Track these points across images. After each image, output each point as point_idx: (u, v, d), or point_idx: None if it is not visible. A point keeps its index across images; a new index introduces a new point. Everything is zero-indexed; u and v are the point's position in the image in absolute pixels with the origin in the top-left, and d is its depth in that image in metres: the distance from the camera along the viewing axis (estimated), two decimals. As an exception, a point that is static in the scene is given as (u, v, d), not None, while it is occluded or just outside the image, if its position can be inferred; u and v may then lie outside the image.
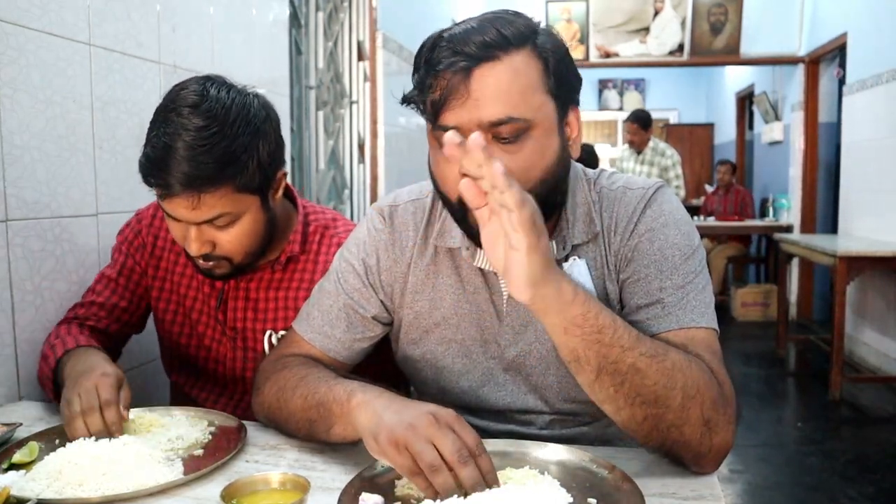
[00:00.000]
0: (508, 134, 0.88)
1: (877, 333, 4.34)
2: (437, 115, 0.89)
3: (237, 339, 1.33)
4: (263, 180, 1.16)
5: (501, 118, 0.87)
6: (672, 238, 0.98)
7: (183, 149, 1.06)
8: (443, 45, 0.89)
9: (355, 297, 1.09)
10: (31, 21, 1.33)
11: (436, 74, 0.88)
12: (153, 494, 0.87)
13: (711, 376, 0.88)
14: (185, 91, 1.12)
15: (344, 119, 3.56)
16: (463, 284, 1.06)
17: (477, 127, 0.88)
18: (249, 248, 1.20)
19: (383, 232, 1.10)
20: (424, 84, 0.90)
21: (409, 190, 1.15)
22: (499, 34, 0.88)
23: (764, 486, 2.82)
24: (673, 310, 0.94)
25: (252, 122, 1.13)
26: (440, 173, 0.95)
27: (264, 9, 2.28)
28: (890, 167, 4.18)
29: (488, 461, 0.80)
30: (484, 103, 0.87)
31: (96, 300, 1.35)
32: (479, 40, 0.87)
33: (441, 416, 0.81)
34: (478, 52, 0.87)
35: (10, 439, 1.04)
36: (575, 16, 6.16)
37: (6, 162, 1.29)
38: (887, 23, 4.25)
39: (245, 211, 1.15)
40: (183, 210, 1.10)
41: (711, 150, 9.80)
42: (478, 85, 0.87)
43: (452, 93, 0.87)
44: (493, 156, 0.72)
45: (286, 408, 1.01)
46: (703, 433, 0.85)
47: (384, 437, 0.81)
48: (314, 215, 1.35)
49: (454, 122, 0.88)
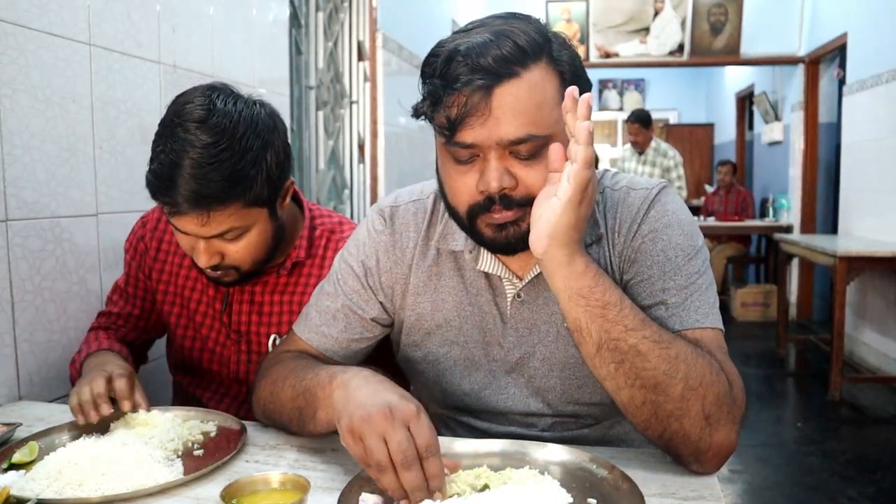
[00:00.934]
0: (527, 152, 0.88)
1: (877, 333, 4.34)
2: (454, 131, 0.88)
3: (241, 342, 1.33)
4: (272, 192, 1.15)
5: (522, 137, 0.87)
6: (675, 239, 0.97)
7: (190, 166, 1.04)
8: (459, 60, 0.86)
9: (354, 298, 1.09)
10: (31, 21, 1.33)
11: (454, 91, 0.86)
12: (153, 494, 0.87)
13: (720, 373, 0.88)
14: (190, 105, 1.09)
15: (344, 119, 3.56)
16: (466, 287, 1.05)
17: (496, 145, 0.87)
18: (257, 256, 1.20)
19: (383, 233, 1.09)
20: (439, 99, 0.88)
21: (409, 190, 1.13)
22: (516, 47, 0.86)
23: (764, 486, 2.82)
24: (676, 311, 0.94)
25: (260, 135, 1.11)
26: (452, 186, 0.94)
27: (264, 9, 2.28)
28: (890, 167, 4.18)
29: (437, 465, 0.78)
30: (504, 122, 0.86)
31: (113, 310, 1.39)
32: (496, 55, 0.85)
33: (399, 410, 0.79)
34: (497, 69, 0.85)
35: (10, 439, 1.04)
36: (575, 16, 6.16)
37: (6, 162, 1.29)
38: (887, 23, 4.25)
39: (254, 223, 1.15)
40: (192, 226, 1.10)
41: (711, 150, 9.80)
42: (498, 103, 0.86)
43: (472, 112, 0.86)
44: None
45: (278, 399, 1.01)
46: (703, 427, 0.85)
47: (344, 424, 0.81)
48: (320, 219, 1.35)
49: (472, 140, 0.87)
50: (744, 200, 6.59)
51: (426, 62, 0.91)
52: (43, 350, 1.39)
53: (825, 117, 5.78)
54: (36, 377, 1.38)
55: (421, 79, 0.92)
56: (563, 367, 1.03)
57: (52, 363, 1.40)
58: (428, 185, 1.12)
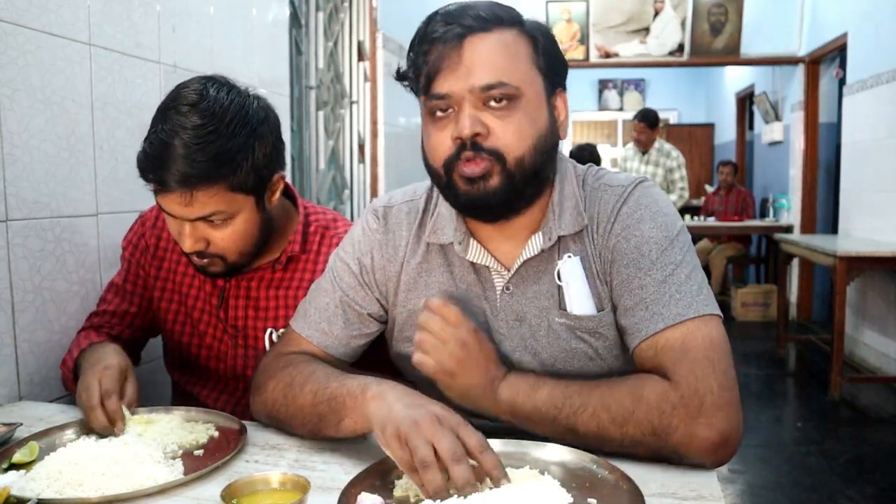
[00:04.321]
0: (499, 96, 0.92)
1: (877, 334, 4.34)
2: (430, 83, 0.93)
3: (238, 337, 1.34)
4: (258, 181, 1.17)
5: (492, 82, 0.91)
6: (647, 233, 0.98)
7: (180, 146, 1.08)
8: (437, 19, 0.94)
9: (351, 294, 1.11)
10: (31, 21, 1.33)
11: (430, 44, 0.93)
12: (153, 494, 0.87)
13: (651, 387, 0.90)
14: (185, 90, 1.13)
15: (344, 119, 3.56)
16: (455, 281, 1.07)
17: (469, 94, 0.92)
18: (243, 247, 1.21)
19: (378, 231, 1.12)
20: (418, 56, 0.94)
21: (403, 191, 1.16)
22: (490, 11, 0.94)
23: (764, 486, 2.82)
24: (657, 308, 0.94)
25: (249, 123, 1.13)
26: (430, 144, 0.98)
27: (264, 9, 2.28)
28: (890, 167, 4.18)
29: (494, 457, 0.81)
30: (475, 70, 0.92)
31: (108, 309, 1.38)
32: (472, 13, 0.93)
33: (446, 418, 0.83)
34: (470, 23, 0.92)
35: (10, 439, 1.04)
36: (575, 16, 6.16)
37: (6, 162, 1.29)
38: (887, 23, 4.25)
39: (239, 211, 1.16)
40: (176, 206, 1.12)
41: (711, 150, 9.80)
42: (470, 52, 0.92)
43: (444, 59, 0.92)
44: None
45: (294, 404, 1.01)
46: (657, 441, 0.89)
47: (390, 430, 0.83)
48: (315, 216, 1.36)
49: (446, 90, 0.93)
50: (744, 200, 6.59)
51: (413, 36, 0.98)
52: (43, 350, 1.39)
53: (825, 117, 5.78)
54: (36, 377, 1.38)
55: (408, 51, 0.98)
56: (555, 360, 1.03)
57: (53, 363, 1.40)
58: (421, 186, 1.14)
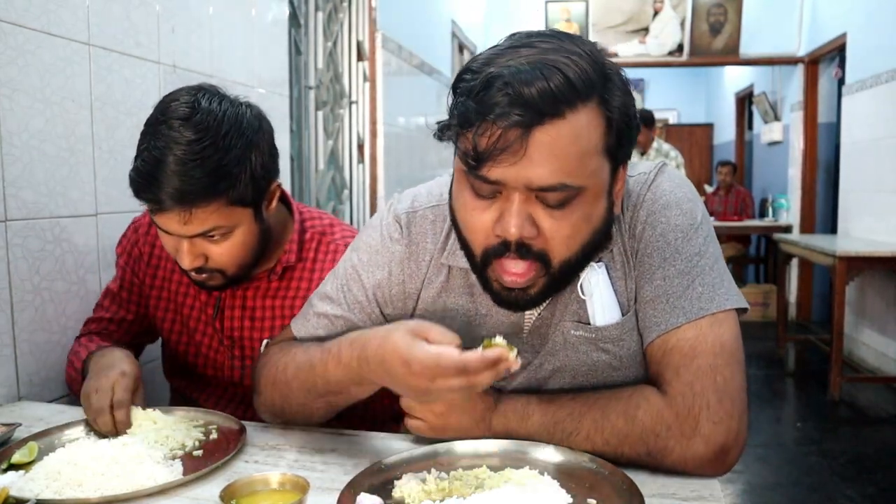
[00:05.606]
0: (555, 201, 0.81)
1: (876, 333, 4.34)
2: (481, 164, 0.79)
3: (234, 347, 1.32)
4: (256, 192, 1.14)
5: (553, 184, 0.79)
6: (674, 220, 0.93)
7: (174, 163, 1.04)
8: (500, 88, 0.77)
9: (356, 310, 1.04)
10: (30, 21, 1.33)
11: (485, 117, 0.77)
12: (152, 495, 0.87)
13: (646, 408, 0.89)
14: (175, 103, 1.09)
15: (343, 119, 3.56)
16: (476, 305, 1.00)
17: (524, 187, 0.80)
18: (242, 260, 1.19)
19: (399, 243, 1.02)
20: (469, 124, 0.79)
21: (428, 192, 1.05)
22: (565, 83, 0.77)
23: (763, 486, 2.82)
24: (679, 302, 0.91)
25: (245, 134, 1.10)
26: (468, 220, 0.87)
27: (264, 9, 2.28)
28: (889, 167, 4.18)
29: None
30: (537, 165, 0.78)
31: (104, 315, 1.37)
32: (543, 88, 0.76)
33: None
34: (541, 106, 0.76)
35: (9, 439, 1.04)
36: (574, 16, 6.16)
37: (6, 162, 1.29)
38: (887, 23, 4.25)
39: (238, 224, 1.14)
40: (174, 224, 1.09)
41: (711, 150, 9.80)
42: (535, 145, 0.77)
43: (505, 149, 0.77)
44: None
45: (285, 376, 1.00)
46: (653, 460, 0.89)
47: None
48: (310, 221, 1.33)
49: (499, 178, 0.80)
50: (743, 200, 6.59)
51: (460, 77, 0.82)
52: (42, 350, 1.39)
53: (824, 117, 5.79)
54: (35, 377, 1.38)
55: (451, 92, 0.83)
56: (575, 374, 0.99)
57: (52, 363, 1.40)
58: (446, 186, 1.02)
